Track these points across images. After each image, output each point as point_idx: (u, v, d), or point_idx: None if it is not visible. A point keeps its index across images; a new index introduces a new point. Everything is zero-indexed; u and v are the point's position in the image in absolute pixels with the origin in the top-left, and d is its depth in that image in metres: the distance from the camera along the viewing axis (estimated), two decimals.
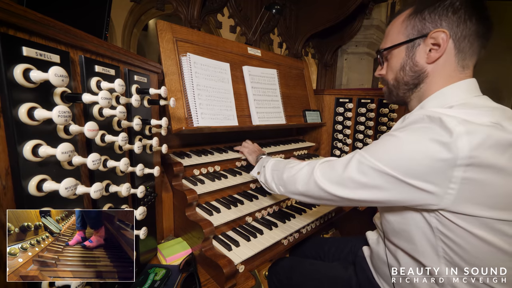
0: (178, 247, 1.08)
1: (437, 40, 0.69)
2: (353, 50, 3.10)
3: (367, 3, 2.57)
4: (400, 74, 0.79)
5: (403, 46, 0.76)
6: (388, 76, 0.85)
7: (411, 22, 0.74)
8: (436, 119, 0.59)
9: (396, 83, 0.82)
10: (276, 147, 1.61)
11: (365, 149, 0.70)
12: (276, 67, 1.65)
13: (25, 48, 0.51)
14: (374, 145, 0.70)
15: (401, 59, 0.77)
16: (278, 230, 1.16)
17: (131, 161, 0.86)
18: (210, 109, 1.23)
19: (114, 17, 5.41)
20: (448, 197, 0.58)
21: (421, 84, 0.76)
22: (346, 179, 0.70)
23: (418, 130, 0.61)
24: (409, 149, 0.60)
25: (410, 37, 0.75)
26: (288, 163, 0.96)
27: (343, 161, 0.74)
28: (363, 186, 0.68)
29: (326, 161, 0.81)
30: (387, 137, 0.68)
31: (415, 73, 0.76)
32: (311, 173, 0.80)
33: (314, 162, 0.84)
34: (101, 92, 0.57)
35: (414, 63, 0.75)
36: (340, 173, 0.72)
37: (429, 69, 0.73)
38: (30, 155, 0.51)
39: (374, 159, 0.65)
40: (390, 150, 0.64)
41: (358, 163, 0.68)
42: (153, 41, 7.50)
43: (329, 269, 1.04)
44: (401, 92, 0.82)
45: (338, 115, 1.90)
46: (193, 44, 1.26)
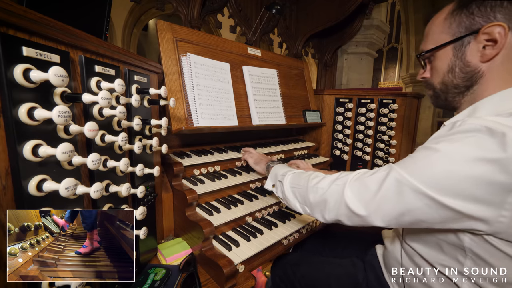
0: (178, 247, 1.08)
1: (493, 35, 0.60)
2: (353, 50, 3.10)
3: (367, 3, 2.56)
4: (448, 76, 0.71)
5: (449, 46, 0.68)
6: (433, 80, 0.76)
7: (456, 18, 0.67)
8: (498, 134, 0.50)
9: (444, 87, 0.73)
10: (276, 147, 1.61)
11: (402, 166, 0.62)
12: (276, 67, 1.65)
13: (25, 48, 0.51)
14: (413, 160, 0.62)
15: (448, 60, 0.70)
16: (278, 230, 1.16)
17: (131, 161, 0.86)
18: (210, 109, 1.23)
19: (114, 17, 5.42)
20: (499, 225, 0.52)
21: (475, 86, 0.68)
22: (381, 201, 0.63)
23: (471, 144, 0.53)
24: (459, 170, 0.53)
25: (457, 36, 0.66)
26: (310, 178, 0.84)
27: (377, 178, 0.65)
28: (401, 209, 0.61)
29: (357, 178, 0.70)
30: (429, 151, 0.59)
31: (467, 74, 0.67)
32: (342, 194, 0.70)
33: (343, 178, 0.74)
34: (101, 92, 0.57)
35: (465, 63, 0.67)
36: (373, 192, 0.64)
37: (484, 68, 0.65)
38: (30, 155, 0.51)
39: (415, 180, 0.57)
40: (435, 168, 0.56)
41: (396, 182, 0.60)
42: (153, 41, 7.51)
43: (337, 264, 1.02)
44: (450, 96, 0.73)
45: (338, 115, 1.90)
46: (193, 44, 1.26)
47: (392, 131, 1.89)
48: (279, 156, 1.63)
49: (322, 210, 0.76)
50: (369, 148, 1.92)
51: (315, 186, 0.79)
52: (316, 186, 0.79)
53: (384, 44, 9.66)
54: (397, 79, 9.85)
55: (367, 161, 1.93)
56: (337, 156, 1.94)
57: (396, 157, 1.96)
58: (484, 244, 0.57)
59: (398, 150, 1.96)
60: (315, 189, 0.79)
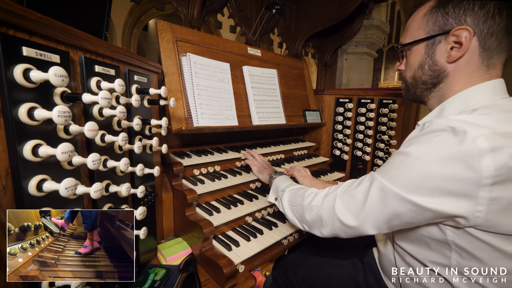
0: (178, 247, 1.08)
1: (460, 38, 0.63)
2: (353, 50, 3.10)
3: (367, 3, 2.57)
4: (418, 72, 0.74)
5: (423, 43, 0.71)
6: (406, 74, 0.79)
7: (432, 16, 0.68)
8: (460, 132, 0.53)
9: (414, 82, 0.77)
10: (276, 147, 1.61)
11: (382, 173, 0.65)
12: (276, 67, 1.65)
13: (25, 48, 0.51)
14: (390, 167, 0.65)
15: (420, 56, 0.72)
16: (278, 230, 1.15)
17: (131, 161, 0.86)
18: (210, 109, 1.23)
19: (114, 17, 5.41)
20: (476, 219, 0.54)
21: (440, 84, 0.71)
22: (369, 210, 0.66)
23: (438, 144, 0.56)
24: (431, 170, 0.56)
25: (430, 34, 0.69)
26: (304, 196, 0.87)
27: (362, 189, 0.68)
28: (388, 215, 0.64)
29: (345, 191, 0.74)
30: (403, 156, 0.62)
31: (434, 73, 0.71)
32: (333, 209, 0.74)
33: (333, 192, 0.77)
34: (101, 92, 0.57)
35: (434, 61, 0.70)
36: (361, 203, 0.68)
37: (449, 69, 0.68)
38: (30, 155, 0.51)
39: (394, 187, 0.61)
40: (410, 173, 0.59)
41: (379, 191, 0.64)
42: (153, 41, 7.50)
43: (337, 265, 1.02)
44: (419, 91, 0.77)
45: (338, 115, 1.90)
46: (193, 44, 1.26)
47: (392, 131, 1.89)
48: (279, 156, 1.63)
49: (319, 227, 0.80)
50: (369, 148, 1.91)
51: (310, 205, 0.83)
52: (310, 205, 0.83)
53: (384, 44, 9.64)
54: (397, 79, 9.84)
55: (367, 161, 1.93)
56: (337, 156, 1.94)
57: None
58: (466, 235, 0.58)
59: None
60: (310, 208, 0.83)
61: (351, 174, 1.96)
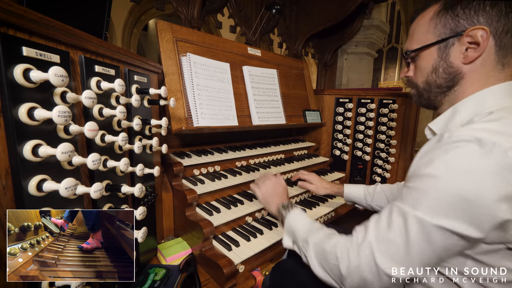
0: (178, 247, 1.08)
1: (476, 38, 0.62)
2: (353, 50, 3.10)
3: (367, 3, 2.56)
4: (432, 76, 0.72)
5: (435, 46, 0.70)
6: (417, 79, 0.77)
7: (441, 20, 0.67)
8: (488, 144, 0.50)
9: (427, 86, 0.75)
10: (276, 147, 1.61)
11: (412, 204, 0.59)
12: (276, 67, 1.65)
13: (25, 48, 0.51)
14: (419, 195, 0.58)
15: (433, 60, 0.71)
16: (278, 230, 1.15)
17: (131, 161, 0.86)
18: (210, 109, 1.23)
19: (114, 17, 5.41)
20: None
21: (456, 87, 0.69)
22: (415, 255, 0.58)
23: (466, 159, 0.52)
24: (465, 189, 0.51)
25: (442, 37, 0.68)
26: (337, 252, 0.70)
27: (398, 229, 0.59)
28: (440, 254, 0.58)
29: (378, 238, 0.63)
30: (429, 180, 0.56)
31: (450, 75, 0.69)
32: (375, 265, 0.61)
33: (364, 241, 0.64)
34: (84, 91, 0.57)
35: (449, 64, 0.68)
36: (404, 247, 0.58)
37: (465, 70, 0.67)
38: (30, 155, 0.51)
39: (432, 218, 0.55)
40: (442, 198, 0.54)
41: (419, 228, 0.56)
42: (153, 41, 7.50)
43: None
44: (433, 96, 0.75)
45: (338, 115, 1.90)
46: (193, 44, 1.26)
47: (392, 131, 1.89)
48: (279, 156, 1.63)
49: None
50: (369, 148, 1.92)
51: (349, 269, 0.66)
52: (350, 267, 0.66)
53: (384, 44, 9.65)
54: (397, 79, 9.84)
55: (367, 161, 1.93)
56: (337, 156, 1.94)
57: (396, 157, 1.96)
58: (490, 248, 0.56)
59: (398, 150, 1.96)
60: (349, 271, 0.66)
61: (351, 174, 1.96)
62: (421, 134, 2.72)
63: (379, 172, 1.95)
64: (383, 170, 1.95)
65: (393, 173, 1.98)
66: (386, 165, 1.94)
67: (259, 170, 1.39)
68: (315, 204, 1.42)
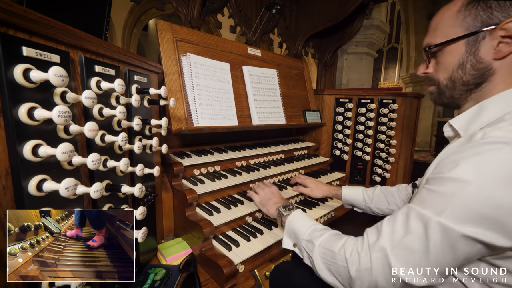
0: (178, 247, 1.08)
1: (511, 31, 0.58)
2: (353, 50, 3.10)
3: (367, 3, 2.56)
4: (457, 73, 0.68)
5: (462, 40, 0.65)
6: (439, 76, 0.72)
7: (471, 12, 0.63)
8: None
9: (451, 84, 0.70)
10: (276, 147, 1.61)
11: (435, 210, 0.55)
12: (276, 67, 1.65)
13: (25, 48, 0.51)
14: (444, 200, 0.55)
15: (459, 55, 0.66)
16: (278, 230, 1.15)
17: (131, 161, 0.86)
18: (210, 109, 1.23)
19: (114, 17, 5.41)
20: None
21: (484, 83, 0.65)
22: (436, 263, 0.55)
23: (504, 161, 0.49)
24: (500, 195, 0.49)
25: (471, 30, 0.63)
26: (345, 253, 0.68)
27: (417, 235, 0.56)
28: (461, 262, 0.55)
29: (394, 244, 0.59)
30: (457, 184, 0.53)
31: (478, 71, 0.64)
32: (389, 270, 0.58)
33: (377, 244, 0.62)
34: (84, 91, 0.57)
35: (478, 59, 0.64)
36: (424, 255, 0.56)
37: (495, 66, 0.62)
38: (30, 155, 0.51)
39: (459, 226, 0.51)
40: (472, 204, 0.51)
41: (442, 235, 0.53)
42: (153, 41, 7.51)
43: None
44: (457, 94, 0.70)
45: (338, 115, 1.90)
46: (193, 44, 1.26)
47: (392, 131, 1.89)
48: (279, 156, 1.63)
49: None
50: (369, 148, 1.92)
51: (359, 270, 0.63)
52: (360, 269, 0.63)
53: (384, 44, 9.65)
54: (397, 79, 9.85)
55: (367, 161, 1.93)
56: (337, 156, 1.94)
57: (396, 157, 1.96)
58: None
59: (398, 150, 1.96)
60: (360, 273, 0.63)
61: (351, 174, 1.97)
62: (421, 134, 2.69)
63: (379, 172, 1.95)
64: (383, 170, 1.95)
65: (393, 173, 1.98)
66: (386, 165, 1.94)
67: (259, 170, 1.39)
68: (315, 204, 1.42)
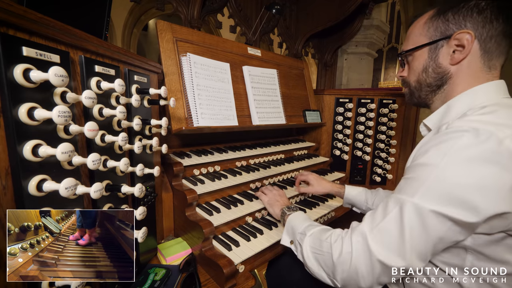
0: (178, 247, 1.08)
1: (461, 41, 0.68)
2: (353, 50, 3.10)
3: (367, 3, 2.56)
4: (422, 76, 0.78)
5: (426, 48, 0.76)
6: (410, 78, 0.84)
7: (433, 23, 0.74)
8: (485, 133, 0.53)
9: (418, 85, 0.81)
10: (276, 147, 1.61)
11: (409, 193, 0.60)
12: (276, 67, 1.65)
13: (25, 48, 0.51)
14: (417, 183, 0.60)
15: (424, 60, 0.77)
16: (278, 230, 1.15)
17: (131, 161, 0.86)
18: (210, 109, 1.23)
19: (114, 17, 5.41)
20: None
21: (444, 86, 0.75)
22: (412, 241, 0.58)
23: (465, 147, 0.54)
24: (465, 176, 0.53)
25: (433, 39, 0.74)
26: (331, 240, 0.72)
27: (393, 218, 0.61)
28: (434, 241, 0.58)
29: (372, 228, 0.64)
30: (427, 168, 0.58)
31: (438, 75, 0.75)
32: (368, 251, 0.62)
33: (357, 229, 0.67)
34: (84, 91, 0.57)
35: (437, 64, 0.74)
36: (399, 236, 0.59)
37: (452, 70, 0.72)
38: (30, 155, 0.51)
39: (431, 204, 0.56)
40: (441, 184, 0.56)
41: (415, 215, 0.57)
42: (153, 41, 7.50)
43: None
44: (423, 94, 0.81)
45: (338, 115, 1.90)
46: (193, 44, 1.26)
47: (392, 131, 1.89)
48: (279, 156, 1.63)
49: (356, 282, 0.65)
50: (369, 148, 1.92)
51: (341, 254, 0.67)
52: (342, 252, 0.67)
53: (384, 44, 9.65)
54: (397, 79, 9.84)
55: (367, 161, 1.93)
56: (337, 156, 1.94)
57: (396, 157, 1.96)
58: (490, 240, 0.58)
59: (398, 150, 1.96)
60: (339, 257, 0.67)
61: (351, 174, 1.96)
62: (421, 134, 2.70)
63: (379, 172, 1.95)
64: (383, 170, 1.95)
65: (393, 173, 1.98)
66: (386, 165, 1.94)
67: (259, 170, 1.39)
68: (315, 204, 1.42)
